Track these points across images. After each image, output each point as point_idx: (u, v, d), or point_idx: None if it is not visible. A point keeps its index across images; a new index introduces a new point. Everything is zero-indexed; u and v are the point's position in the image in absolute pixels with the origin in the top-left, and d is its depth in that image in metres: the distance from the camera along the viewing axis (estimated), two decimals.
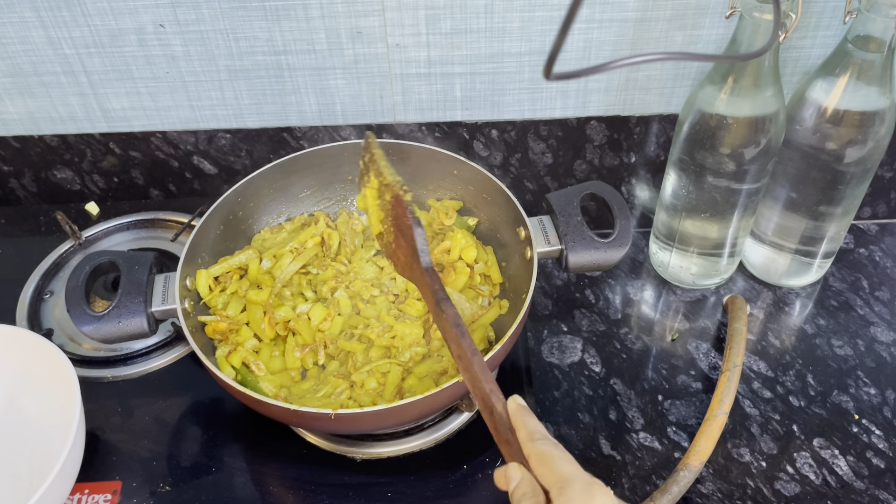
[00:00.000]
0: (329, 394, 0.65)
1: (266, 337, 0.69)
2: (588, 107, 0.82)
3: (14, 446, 0.67)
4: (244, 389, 0.59)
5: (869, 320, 0.79)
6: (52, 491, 0.56)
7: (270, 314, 0.69)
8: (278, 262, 0.73)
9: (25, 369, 0.68)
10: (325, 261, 0.75)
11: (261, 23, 0.75)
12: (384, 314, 0.70)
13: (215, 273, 0.72)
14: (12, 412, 0.68)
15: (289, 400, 0.65)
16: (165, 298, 0.65)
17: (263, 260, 0.74)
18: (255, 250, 0.74)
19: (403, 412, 0.58)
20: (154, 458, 0.68)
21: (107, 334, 0.63)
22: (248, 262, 0.73)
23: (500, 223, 0.74)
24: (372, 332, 0.68)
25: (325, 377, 0.67)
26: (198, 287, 0.70)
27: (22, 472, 0.65)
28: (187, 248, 0.68)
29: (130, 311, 0.63)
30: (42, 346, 0.65)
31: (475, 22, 0.75)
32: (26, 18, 0.75)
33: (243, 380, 0.66)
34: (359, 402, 0.64)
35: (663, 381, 0.74)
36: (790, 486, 0.66)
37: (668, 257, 0.81)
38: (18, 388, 0.68)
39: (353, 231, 0.78)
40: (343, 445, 0.67)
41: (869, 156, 0.70)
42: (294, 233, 0.77)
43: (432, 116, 0.83)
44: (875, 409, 0.71)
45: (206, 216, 0.71)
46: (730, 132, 0.68)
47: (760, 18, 0.62)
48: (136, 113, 0.83)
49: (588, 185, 0.69)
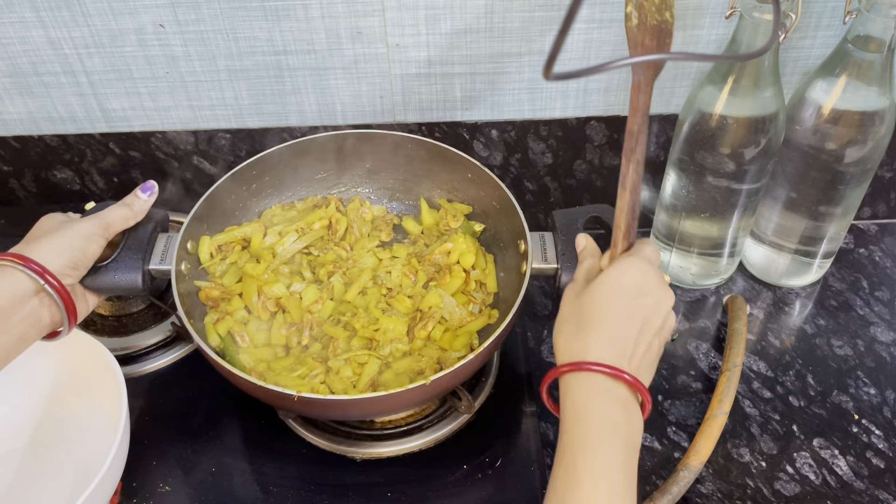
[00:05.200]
0: (304, 375, 0.65)
1: (256, 311, 0.69)
2: (588, 107, 0.82)
3: (58, 444, 0.67)
4: (217, 359, 0.59)
5: (869, 320, 0.79)
6: (98, 491, 0.56)
7: (263, 290, 0.69)
8: (282, 239, 0.74)
9: (72, 367, 0.68)
10: (328, 244, 0.75)
11: (261, 23, 0.75)
12: (372, 306, 0.70)
13: (219, 241, 0.72)
14: (57, 410, 0.68)
15: (265, 375, 0.65)
16: (164, 258, 0.66)
17: (268, 235, 0.74)
18: (262, 224, 0.75)
19: (366, 405, 0.59)
20: (154, 457, 0.68)
21: (101, 285, 0.64)
22: (252, 235, 0.73)
23: (505, 233, 0.74)
24: (357, 322, 0.68)
25: (304, 358, 0.67)
26: (199, 252, 0.70)
27: (66, 471, 0.65)
28: (194, 213, 0.69)
29: (128, 266, 0.64)
30: (89, 345, 0.65)
31: (475, 22, 0.75)
32: (26, 18, 0.75)
33: (224, 349, 0.66)
34: (331, 387, 0.64)
35: (663, 381, 0.74)
36: (790, 486, 0.66)
37: (668, 257, 0.81)
38: (64, 386, 0.68)
39: (362, 219, 0.77)
40: (343, 445, 0.67)
41: (869, 156, 0.70)
42: (304, 212, 0.77)
43: (432, 116, 0.83)
44: (875, 409, 0.71)
45: (218, 184, 0.71)
46: (730, 132, 0.68)
47: (760, 18, 0.62)
48: (136, 113, 0.83)
49: (594, 208, 0.69)
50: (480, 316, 0.70)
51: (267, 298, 0.69)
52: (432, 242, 0.76)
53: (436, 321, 0.68)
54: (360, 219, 0.77)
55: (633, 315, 0.52)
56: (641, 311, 0.52)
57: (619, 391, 0.49)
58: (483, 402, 0.70)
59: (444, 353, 0.67)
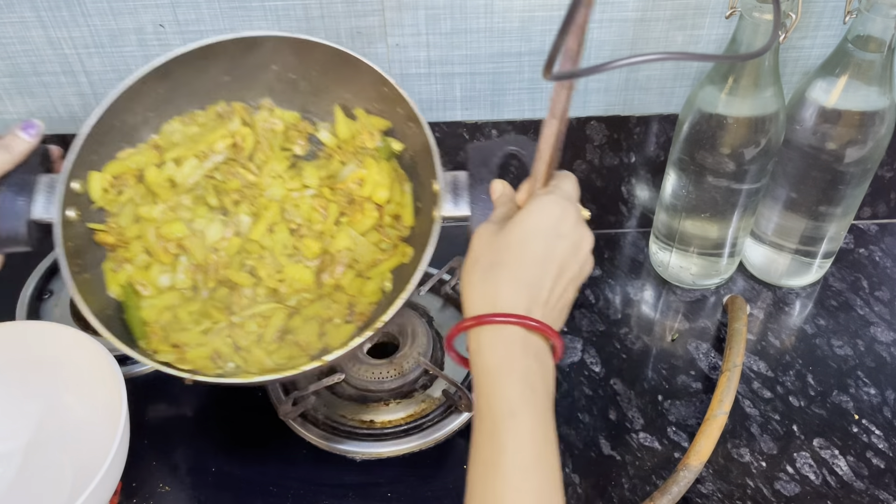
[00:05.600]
0: (208, 329, 0.61)
1: (156, 255, 0.63)
2: (588, 107, 0.82)
3: (58, 444, 0.67)
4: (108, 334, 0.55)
5: (869, 320, 0.79)
6: (98, 491, 0.56)
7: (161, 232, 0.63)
8: (180, 168, 0.65)
9: (71, 367, 0.67)
10: (234, 166, 0.66)
11: (261, 23, 0.75)
12: (278, 251, 0.64)
13: (113, 172, 0.63)
14: (57, 410, 0.68)
15: (170, 327, 0.61)
16: (49, 205, 0.57)
17: (165, 164, 0.64)
18: (156, 149, 0.65)
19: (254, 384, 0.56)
20: (154, 458, 0.68)
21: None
22: (146, 167, 0.64)
23: (421, 161, 0.65)
24: (262, 269, 0.63)
25: (208, 309, 0.63)
26: (90, 190, 0.62)
27: (66, 471, 0.65)
28: (82, 142, 0.59)
29: (6, 216, 0.56)
30: (89, 345, 0.65)
31: (475, 22, 0.75)
32: (26, 18, 0.75)
33: (125, 303, 0.62)
34: (236, 342, 0.61)
35: (663, 382, 0.74)
36: (790, 486, 0.66)
37: (668, 257, 0.81)
38: (64, 386, 0.68)
39: (273, 132, 0.68)
40: (343, 445, 0.67)
41: (869, 156, 0.70)
42: (206, 126, 0.67)
43: (432, 116, 0.83)
44: (875, 409, 0.71)
45: (109, 100, 0.60)
46: (730, 132, 0.68)
47: (760, 18, 0.62)
48: None
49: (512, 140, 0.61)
50: (394, 253, 0.64)
51: (167, 241, 0.63)
52: (349, 160, 0.67)
53: (345, 265, 0.64)
54: (271, 132, 0.68)
55: (548, 258, 0.49)
56: (558, 255, 0.49)
57: (533, 341, 0.47)
58: None
59: (355, 297, 0.63)
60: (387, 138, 0.67)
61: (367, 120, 0.68)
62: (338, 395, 0.71)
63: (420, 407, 0.70)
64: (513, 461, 0.44)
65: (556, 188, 0.52)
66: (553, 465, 0.45)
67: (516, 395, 0.45)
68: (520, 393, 0.45)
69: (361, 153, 0.67)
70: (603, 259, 0.87)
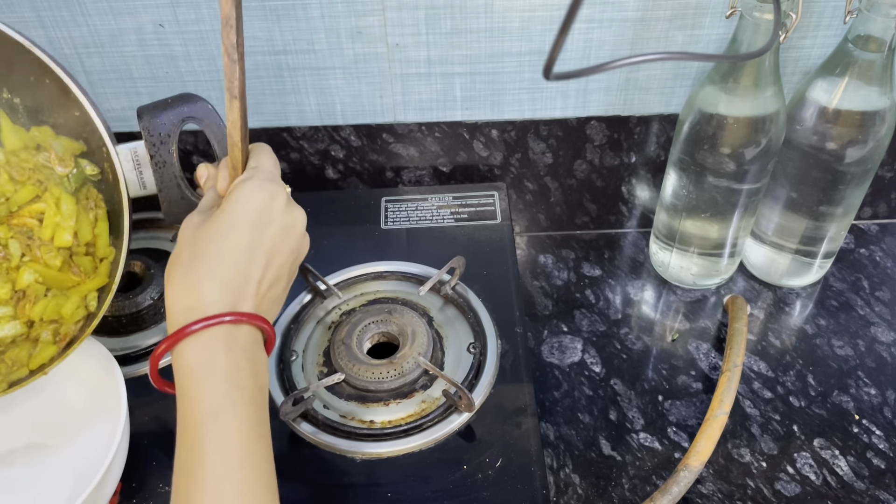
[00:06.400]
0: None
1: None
2: (588, 107, 0.82)
3: (58, 444, 0.67)
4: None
5: (869, 320, 0.79)
6: (98, 491, 0.56)
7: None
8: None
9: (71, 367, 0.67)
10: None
11: (260, 23, 0.75)
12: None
13: None
14: (57, 410, 0.68)
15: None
16: None
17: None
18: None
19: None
20: (154, 458, 0.68)
21: None
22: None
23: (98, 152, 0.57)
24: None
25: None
26: None
27: (66, 471, 0.65)
28: None
29: None
30: (89, 345, 0.65)
31: (475, 22, 0.75)
32: (26, 18, 0.75)
33: None
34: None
35: (663, 382, 0.74)
36: (790, 486, 0.66)
37: (668, 257, 0.81)
38: (64, 387, 0.68)
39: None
40: (343, 445, 0.67)
41: (869, 156, 0.70)
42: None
43: (432, 116, 0.83)
44: (875, 409, 0.71)
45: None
46: (730, 132, 0.68)
47: (760, 18, 0.62)
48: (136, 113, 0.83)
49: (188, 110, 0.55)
50: (94, 275, 0.59)
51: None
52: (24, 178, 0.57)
53: (41, 296, 0.58)
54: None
55: (255, 248, 0.47)
56: (266, 244, 0.47)
57: (241, 336, 0.45)
58: (483, 402, 0.70)
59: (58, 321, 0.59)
60: (80, 162, 0.59)
61: (60, 144, 0.58)
62: (338, 395, 0.71)
63: (420, 407, 0.70)
64: (215, 464, 0.41)
65: (256, 171, 0.50)
66: (264, 463, 0.43)
67: (220, 394, 0.43)
68: (225, 392, 0.43)
69: (42, 174, 0.58)
70: (603, 259, 0.87)
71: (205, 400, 0.43)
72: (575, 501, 0.65)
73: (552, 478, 0.67)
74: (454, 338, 0.73)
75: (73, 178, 0.58)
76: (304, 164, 0.87)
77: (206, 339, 0.44)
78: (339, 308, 0.76)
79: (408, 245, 0.82)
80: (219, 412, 0.42)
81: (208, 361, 0.44)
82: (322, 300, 0.77)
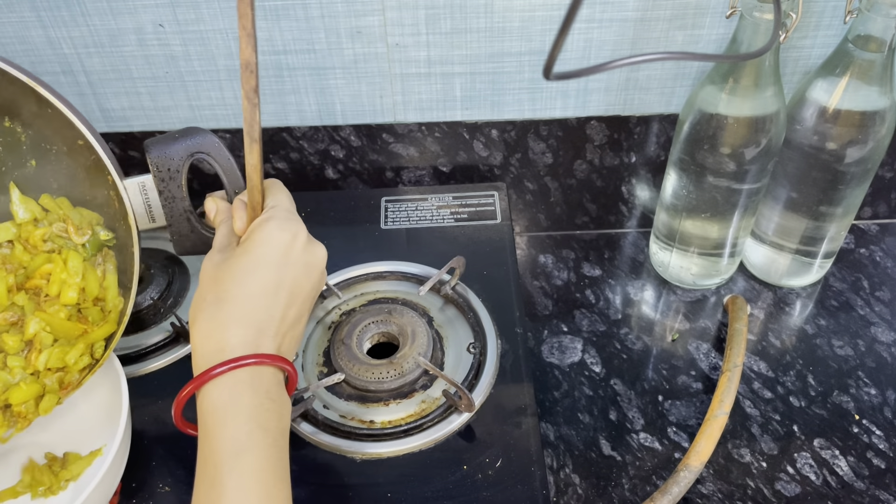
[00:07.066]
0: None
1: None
2: (588, 107, 0.82)
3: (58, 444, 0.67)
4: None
5: (869, 320, 0.79)
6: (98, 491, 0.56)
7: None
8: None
9: None
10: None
11: (260, 23, 0.75)
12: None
13: None
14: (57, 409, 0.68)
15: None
16: None
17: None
18: None
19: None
20: (154, 458, 0.68)
21: None
22: None
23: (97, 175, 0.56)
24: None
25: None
26: None
27: None
28: None
29: None
30: None
31: (475, 22, 0.75)
32: (25, 18, 0.75)
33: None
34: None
35: (663, 382, 0.74)
36: (790, 486, 0.65)
37: (668, 257, 0.81)
38: None
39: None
40: (343, 445, 0.67)
41: (869, 156, 0.70)
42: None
43: (432, 116, 0.83)
44: (875, 409, 0.71)
45: None
46: (730, 132, 0.68)
47: (761, 18, 0.62)
48: (136, 113, 0.83)
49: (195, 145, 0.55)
50: (103, 324, 0.60)
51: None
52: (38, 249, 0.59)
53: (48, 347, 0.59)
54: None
55: (279, 289, 0.48)
56: (287, 283, 0.48)
57: (265, 377, 0.46)
58: (483, 402, 0.70)
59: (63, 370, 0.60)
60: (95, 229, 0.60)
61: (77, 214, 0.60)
62: (338, 395, 0.71)
63: (420, 407, 0.70)
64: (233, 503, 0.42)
65: (276, 210, 0.50)
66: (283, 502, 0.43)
67: (243, 434, 0.43)
68: (248, 433, 0.44)
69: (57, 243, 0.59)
70: (603, 259, 0.87)
71: (228, 439, 0.43)
72: (575, 501, 0.65)
73: (552, 478, 0.67)
74: (454, 338, 0.73)
75: (90, 244, 0.59)
76: (304, 164, 0.87)
77: (230, 381, 0.45)
78: (339, 308, 0.76)
79: (408, 245, 0.82)
80: (241, 452, 0.43)
81: (233, 402, 0.44)
82: (322, 300, 0.77)
